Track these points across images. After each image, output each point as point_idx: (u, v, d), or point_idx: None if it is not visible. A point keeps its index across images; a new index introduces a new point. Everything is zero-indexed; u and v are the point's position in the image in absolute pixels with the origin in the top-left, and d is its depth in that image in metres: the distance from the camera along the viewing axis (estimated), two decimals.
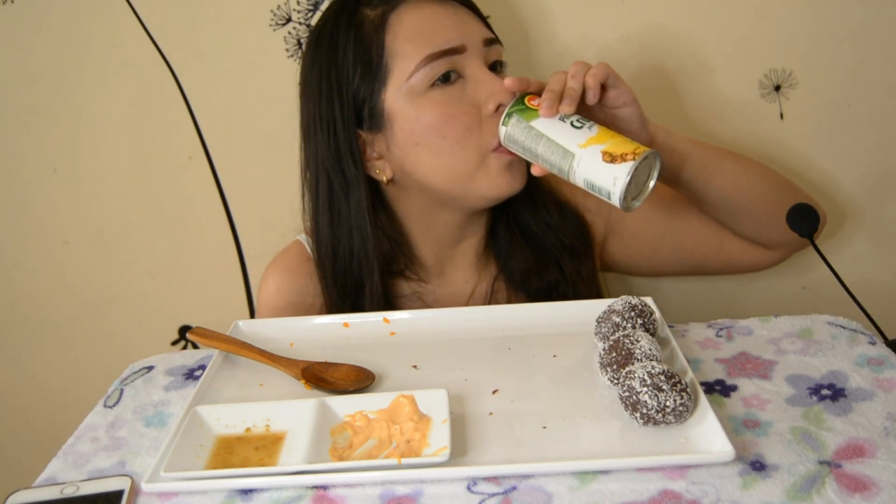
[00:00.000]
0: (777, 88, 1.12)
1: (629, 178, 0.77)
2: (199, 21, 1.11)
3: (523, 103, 0.84)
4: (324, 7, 1.10)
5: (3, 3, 1.11)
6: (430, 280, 1.01)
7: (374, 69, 0.89)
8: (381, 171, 0.94)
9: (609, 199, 0.80)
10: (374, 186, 0.96)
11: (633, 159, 0.77)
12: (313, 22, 1.11)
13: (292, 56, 1.12)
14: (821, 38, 1.10)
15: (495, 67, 0.93)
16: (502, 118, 0.85)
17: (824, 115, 1.13)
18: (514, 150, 0.86)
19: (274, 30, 1.11)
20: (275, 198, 1.17)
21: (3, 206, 1.20)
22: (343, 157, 0.92)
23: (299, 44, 1.12)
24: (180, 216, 1.21)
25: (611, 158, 0.78)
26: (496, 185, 0.91)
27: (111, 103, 1.15)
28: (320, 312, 1.00)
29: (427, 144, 0.90)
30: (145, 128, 1.17)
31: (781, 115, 1.14)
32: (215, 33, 1.12)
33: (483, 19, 0.95)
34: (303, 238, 1.04)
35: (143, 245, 1.22)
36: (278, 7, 1.10)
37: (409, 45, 0.88)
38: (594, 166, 0.79)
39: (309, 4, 1.10)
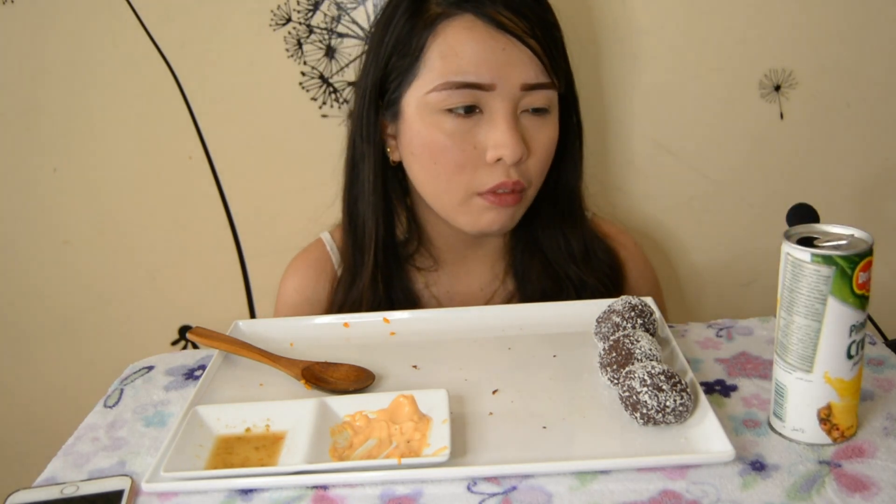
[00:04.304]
0: (777, 88, 1.12)
1: None
2: (199, 21, 1.11)
3: (850, 277, 0.61)
4: (324, 7, 1.10)
5: (4, 3, 1.11)
6: (443, 274, 1.01)
7: (407, 63, 0.89)
8: (392, 152, 0.95)
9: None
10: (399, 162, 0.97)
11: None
12: (313, 22, 1.11)
13: (292, 56, 1.12)
14: (821, 38, 1.10)
15: (540, 111, 0.89)
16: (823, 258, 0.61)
17: (824, 115, 1.13)
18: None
19: (274, 30, 1.11)
20: (275, 198, 1.18)
21: (4, 206, 1.20)
22: (362, 126, 0.94)
23: (299, 44, 1.12)
24: (180, 216, 1.20)
25: (820, 421, 0.65)
26: (475, 223, 0.92)
27: (111, 103, 1.15)
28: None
29: (421, 161, 0.91)
30: (145, 128, 1.17)
31: (781, 115, 1.14)
32: (215, 33, 1.12)
33: (549, 58, 0.88)
34: (325, 237, 1.04)
35: (143, 245, 1.22)
36: (278, 7, 1.10)
37: (440, 61, 0.87)
38: (798, 402, 0.65)
39: (309, 4, 1.10)
